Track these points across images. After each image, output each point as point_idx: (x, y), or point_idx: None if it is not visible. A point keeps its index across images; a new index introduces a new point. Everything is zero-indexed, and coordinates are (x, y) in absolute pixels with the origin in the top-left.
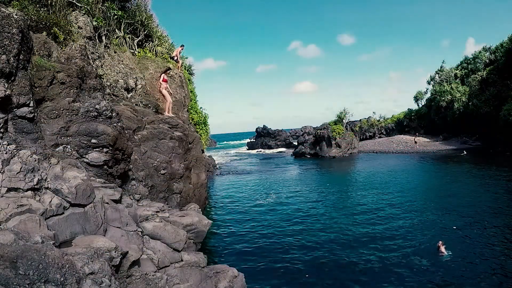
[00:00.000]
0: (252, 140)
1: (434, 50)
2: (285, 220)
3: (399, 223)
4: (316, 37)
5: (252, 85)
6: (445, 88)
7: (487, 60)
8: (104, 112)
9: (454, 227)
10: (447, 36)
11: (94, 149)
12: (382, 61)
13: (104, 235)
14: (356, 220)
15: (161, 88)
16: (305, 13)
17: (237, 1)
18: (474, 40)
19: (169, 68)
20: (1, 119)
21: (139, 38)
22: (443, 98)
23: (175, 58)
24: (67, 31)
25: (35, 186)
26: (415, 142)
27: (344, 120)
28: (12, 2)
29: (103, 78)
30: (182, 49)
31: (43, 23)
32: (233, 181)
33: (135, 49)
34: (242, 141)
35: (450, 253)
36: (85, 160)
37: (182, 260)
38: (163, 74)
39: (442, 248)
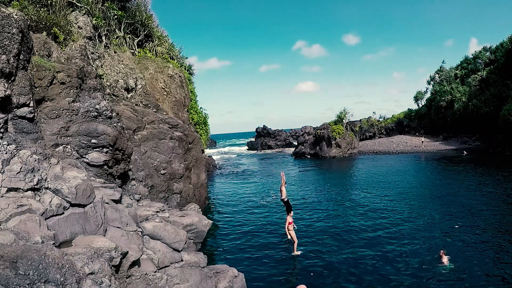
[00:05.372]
0: (252, 140)
1: (438, 50)
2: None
3: (400, 224)
4: (321, 37)
5: (255, 85)
6: (445, 88)
7: (487, 60)
8: (104, 112)
9: (456, 226)
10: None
11: (94, 149)
12: (385, 61)
13: (104, 235)
14: (356, 222)
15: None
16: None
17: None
18: (477, 41)
19: None
20: (1, 119)
21: (139, 38)
22: (443, 98)
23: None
24: (67, 31)
25: (35, 186)
26: (422, 142)
27: (344, 120)
28: (12, 2)
29: (103, 78)
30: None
31: (43, 23)
32: (233, 181)
33: (135, 49)
34: (242, 141)
35: (451, 263)
36: (85, 160)
37: (182, 260)
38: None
39: (444, 258)
